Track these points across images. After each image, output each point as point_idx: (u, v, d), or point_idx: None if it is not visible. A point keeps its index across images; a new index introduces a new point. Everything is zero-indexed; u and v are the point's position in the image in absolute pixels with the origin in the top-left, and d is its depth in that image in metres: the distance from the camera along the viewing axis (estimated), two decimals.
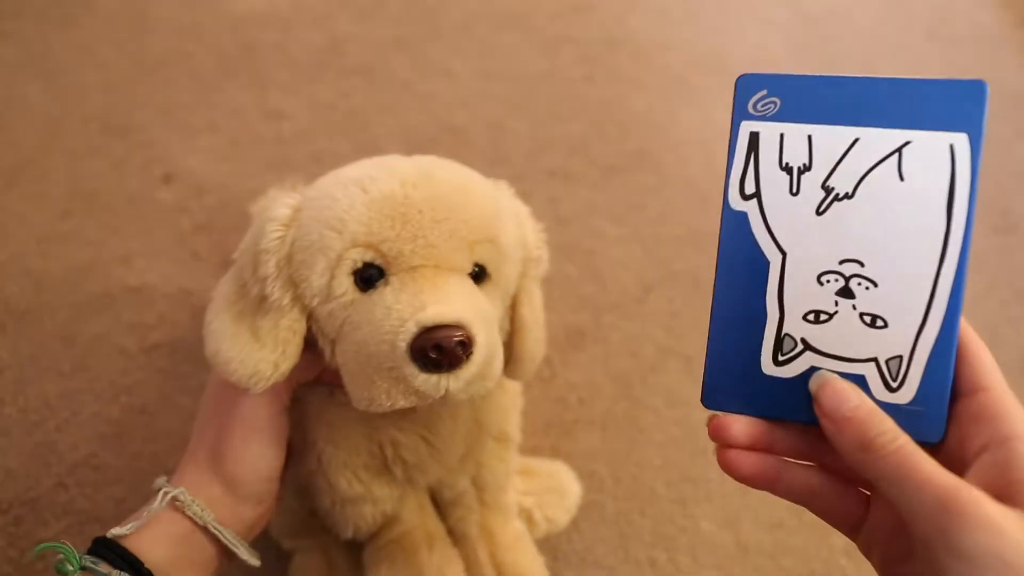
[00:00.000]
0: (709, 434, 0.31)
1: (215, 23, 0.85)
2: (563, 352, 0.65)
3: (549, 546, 0.56)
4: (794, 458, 0.31)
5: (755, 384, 0.30)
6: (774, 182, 0.30)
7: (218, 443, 0.41)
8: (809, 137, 0.30)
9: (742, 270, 0.30)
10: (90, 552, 0.37)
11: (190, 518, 0.39)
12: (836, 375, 0.29)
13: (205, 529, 0.40)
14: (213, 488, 0.41)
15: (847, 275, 0.29)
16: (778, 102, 0.30)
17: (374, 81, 0.81)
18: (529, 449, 0.59)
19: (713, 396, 0.31)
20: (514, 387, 0.51)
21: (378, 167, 0.40)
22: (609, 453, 0.60)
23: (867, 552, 0.31)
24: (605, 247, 0.71)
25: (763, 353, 0.30)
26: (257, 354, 0.39)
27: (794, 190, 0.30)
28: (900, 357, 0.29)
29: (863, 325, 0.29)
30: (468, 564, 0.49)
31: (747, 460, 0.30)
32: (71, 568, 0.36)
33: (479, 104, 0.80)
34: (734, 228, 0.30)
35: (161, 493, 0.40)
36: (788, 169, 0.30)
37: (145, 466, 0.58)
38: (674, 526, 0.58)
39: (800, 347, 0.30)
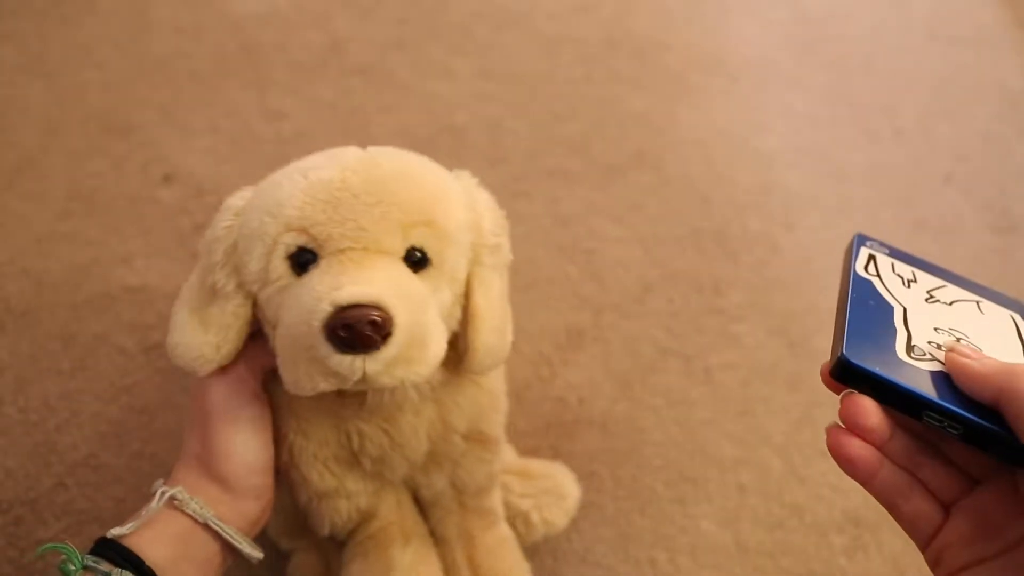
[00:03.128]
0: (841, 410, 0.32)
1: (215, 23, 0.85)
2: (563, 352, 0.65)
3: (549, 546, 0.56)
4: (897, 464, 0.32)
5: (891, 360, 0.32)
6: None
7: (204, 444, 0.41)
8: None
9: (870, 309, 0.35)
10: (92, 552, 0.37)
11: (190, 516, 0.39)
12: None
13: (206, 526, 0.40)
14: (210, 490, 0.41)
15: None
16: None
17: (374, 81, 0.81)
18: (528, 449, 0.59)
19: (854, 352, 0.32)
20: (494, 385, 0.48)
21: (329, 156, 0.41)
22: (609, 453, 0.60)
23: (935, 562, 0.32)
24: (605, 247, 0.71)
25: (897, 347, 0.33)
26: (201, 338, 0.40)
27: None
28: None
29: None
30: (446, 566, 0.49)
31: (857, 445, 0.31)
32: (73, 568, 0.36)
33: (479, 104, 0.80)
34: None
35: (159, 492, 0.40)
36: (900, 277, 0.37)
37: (145, 466, 0.58)
38: (674, 526, 0.58)
39: (929, 356, 0.32)
